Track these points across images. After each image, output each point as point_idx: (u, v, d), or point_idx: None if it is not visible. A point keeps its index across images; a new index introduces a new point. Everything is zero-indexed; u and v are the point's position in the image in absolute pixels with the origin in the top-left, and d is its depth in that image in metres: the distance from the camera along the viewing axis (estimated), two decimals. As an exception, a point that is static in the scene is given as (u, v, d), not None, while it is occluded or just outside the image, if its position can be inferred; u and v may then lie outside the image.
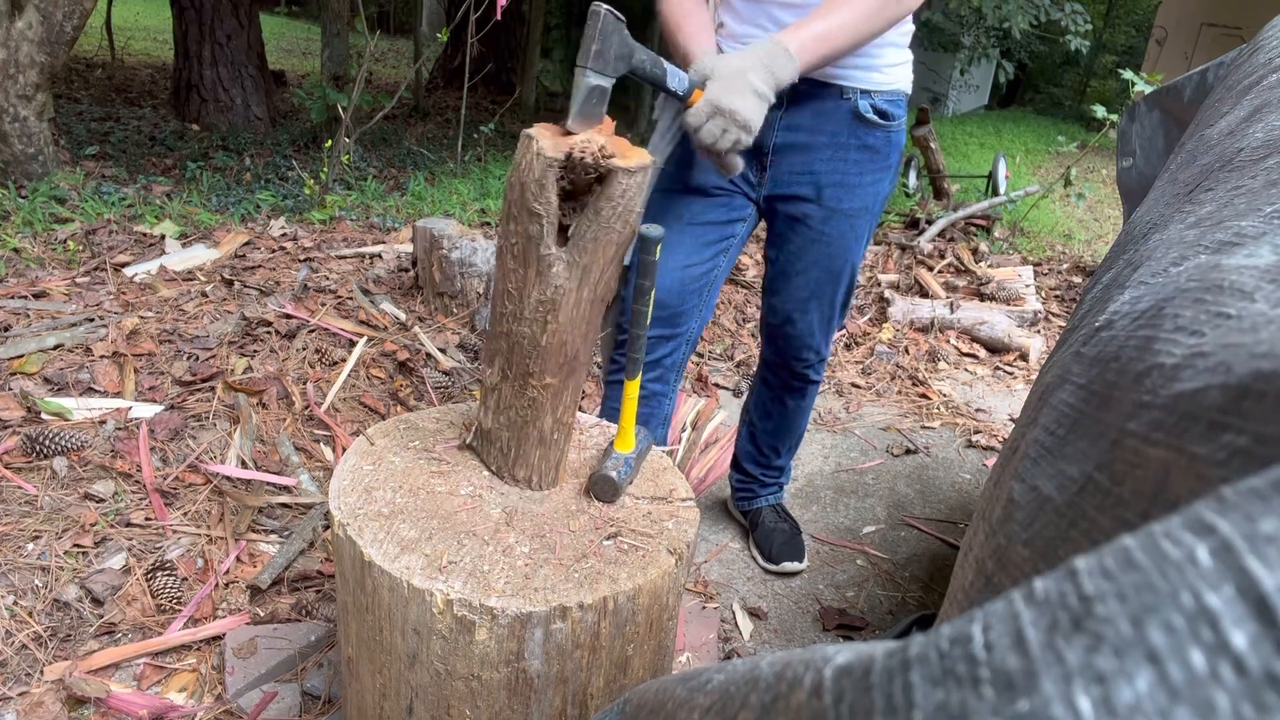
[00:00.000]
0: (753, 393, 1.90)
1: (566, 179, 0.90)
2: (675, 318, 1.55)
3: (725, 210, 1.54)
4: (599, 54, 1.02)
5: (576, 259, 0.93)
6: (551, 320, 0.95)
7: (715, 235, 1.55)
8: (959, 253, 3.94)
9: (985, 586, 0.55)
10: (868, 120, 1.47)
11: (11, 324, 2.25)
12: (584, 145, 0.88)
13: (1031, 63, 13.47)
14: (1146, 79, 4.02)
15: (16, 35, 3.20)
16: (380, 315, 2.69)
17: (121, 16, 9.69)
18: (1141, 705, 0.22)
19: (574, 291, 0.94)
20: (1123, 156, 1.73)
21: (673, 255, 1.51)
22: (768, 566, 1.89)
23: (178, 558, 1.62)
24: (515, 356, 0.99)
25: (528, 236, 0.91)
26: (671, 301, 1.52)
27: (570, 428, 1.08)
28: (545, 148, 0.88)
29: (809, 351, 1.70)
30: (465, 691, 0.92)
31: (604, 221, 0.91)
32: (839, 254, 1.57)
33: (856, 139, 1.48)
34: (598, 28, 1.01)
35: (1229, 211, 0.65)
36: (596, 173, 0.89)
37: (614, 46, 1.03)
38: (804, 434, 1.93)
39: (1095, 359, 0.55)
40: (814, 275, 1.59)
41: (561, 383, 1.01)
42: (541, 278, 0.93)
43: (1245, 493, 0.25)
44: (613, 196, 0.90)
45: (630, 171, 0.89)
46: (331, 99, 4.57)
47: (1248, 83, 1.06)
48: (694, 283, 1.54)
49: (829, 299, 1.62)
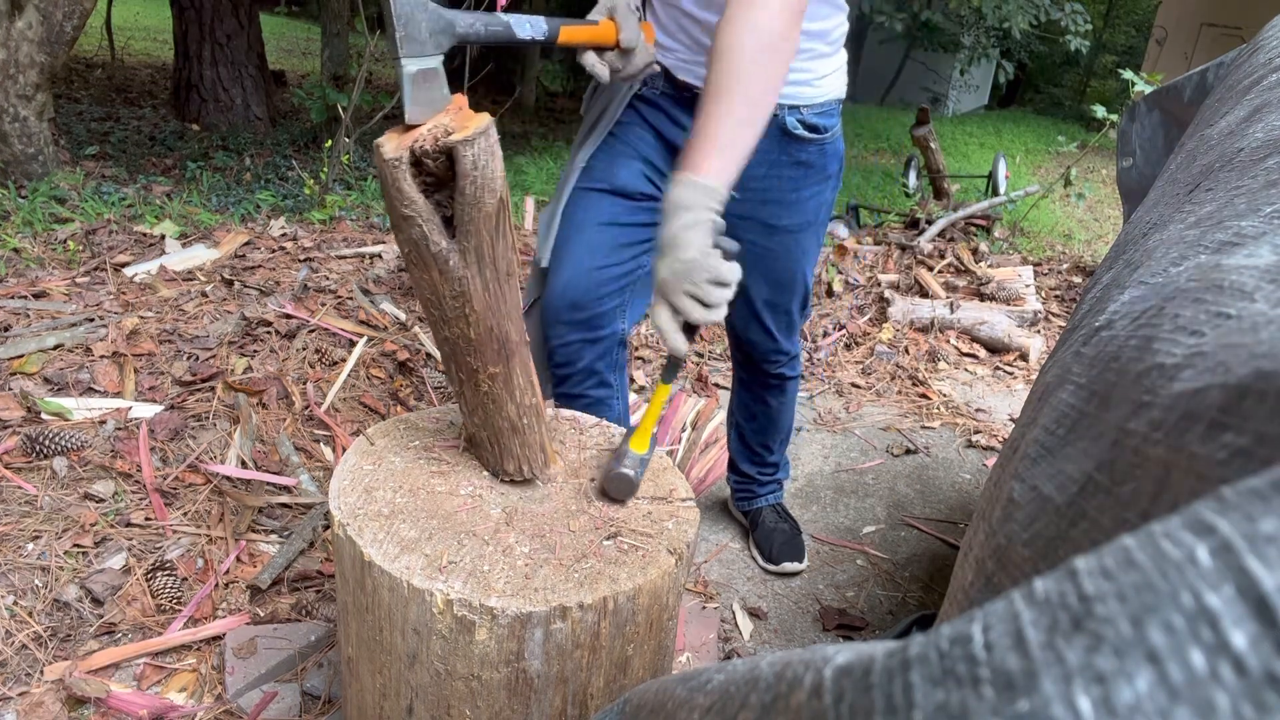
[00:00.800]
0: (734, 396, 1.88)
1: (425, 173, 0.88)
2: (596, 320, 1.44)
3: (649, 214, 1.46)
4: (407, 38, 0.96)
5: (466, 244, 0.91)
6: (470, 312, 0.95)
7: (637, 236, 1.46)
8: (959, 253, 3.94)
9: (985, 586, 0.55)
10: (798, 136, 1.42)
11: (11, 324, 2.25)
12: (424, 134, 0.87)
13: (1031, 63, 13.47)
14: (1146, 79, 4.02)
15: (16, 35, 3.20)
16: (380, 315, 2.69)
17: (121, 16, 9.68)
18: (1141, 705, 0.22)
19: (477, 278, 0.93)
20: (1123, 156, 1.73)
21: (589, 256, 1.42)
22: (767, 567, 1.89)
23: (178, 558, 1.62)
24: (459, 357, 1.00)
25: (414, 241, 0.90)
26: (588, 302, 1.42)
27: (538, 409, 1.07)
28: (387, 150, 0.86)
29: (775, 354, 1.70)
30: (465, 691, 0.92)
31: (471, 199, 0.88)
32: (785, 267, 1.55)
33: (788, 156, 1.44)
34: (393, 11, 0.95)
35: (1229, 211, 0.64)
36: (445, 156, 0.87)
37: (423, 24, 0.97)
38: (792, 427, 1.93)
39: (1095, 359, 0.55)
40: (763, 289, 1.57)
41: (505, 369, 1.01)
42: (444, 274, 0.92)
43: (1245, 493, 0.25)
44: (466, 172, 0.87)
45: (469, 141, 0.86)
46: (331, 99, 4.57)
47: (1248, 83, 1.06)
48: (612, 284, 1.44)
49: (783, 308, 1.62)
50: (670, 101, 1.45)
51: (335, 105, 4.39)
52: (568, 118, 7.64)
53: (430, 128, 0.88)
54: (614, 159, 1.45)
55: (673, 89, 1.44)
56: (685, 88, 1.42)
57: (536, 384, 1.07)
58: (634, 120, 1.46)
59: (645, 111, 1.46)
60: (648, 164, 1.46)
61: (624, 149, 1.45)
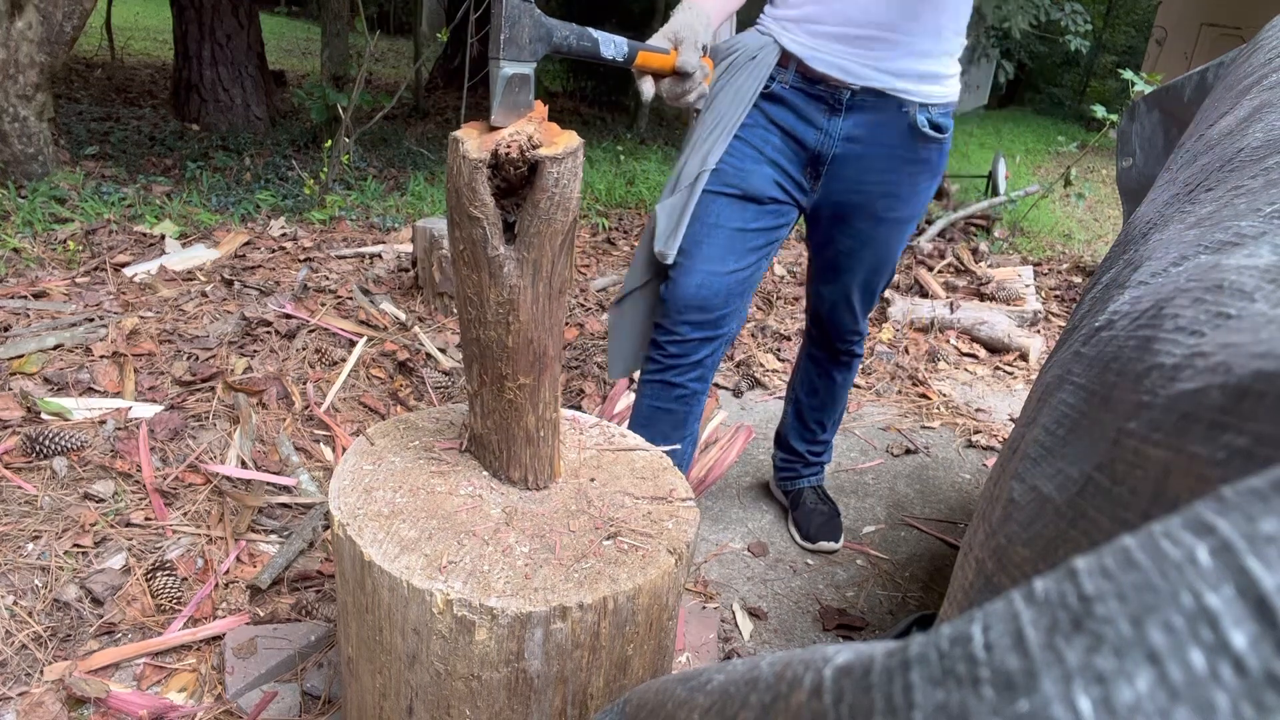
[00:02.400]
0: (798, 371, 1.96)
1: (499, 177, 0.88)
2: (719, 320, 1.55)
3: (774, 218, 1.54)
4: (510, 41, 0.97)
5: (525, 255, 0.91)
6: (513, 320, 0.94)
7: (761, 241, 1.55)
8: (959, 253, 3.94)
9: (985, 586, 0.55)
10: (924, 134, 1.47)
11: (11, 324, 2.25)
12: (510, 140, 0.86)
13: (1031, 63, 13.47)
14: (1146, 79, 4.02)
15: (16, 35, 3.20)
16: (380, 315, 2.69)
17: (121, 16, 9.68)
18: (1141, 705, 0.22)
19: (529, 289, 0.93)
20: (1122, 156, 1.73)
21: (720, 260, 1.50)
22: (804, 545, 1.97)
23: (178, 558, 1.62)
24: (487, 361, 0.99)
25: (473, 241, 0.90)
26: (716, 304, 1.52)
27: (556, 424, 1.07)
28: (470, 149, 0.86)
29: (852, 333, 1.80)
30: (465, 691, 0.92)
31: (544, 214, 0.89)
32: (884, 254, 1.63)
33: (912, 152, 1.49)
34: (503, 13, 0.96)
35: (1229, 211, 0.65)
36: (526, 166, 0.87)
37: (526, 29, 0.99)
38: (845, 410, 2.02)
39: (1095, 359, 0.55)
40: (860, 273, 1.66)
41: (535, 381, 1.00)
42: (495, 279, 0.92)
43: (1245, 493, 0.25)
44: (546, 187, 0.87)
45: (558, 159, 0.87)
46: (331, 99, 4.57)
47: (1248, 83, 1.06)
48: (737, 286, 1.54)
49: (871, 289, 1.71)
50: (801, 97, 1.47)
51: (335, 105, 4.39)
52: (568, 117, 7.63)
53: (513, 134, 0.87)
54: (744, 163, 1.49)
55: (804, 82, 1.46)
56: (819, 80, 1.44)
57: (559, 398, 1.07)
58: (759, 121, 1.49)
59: (772, 111, 1.49)
60: (776, 168, 1.50)
61: (752, 153, 1.50)
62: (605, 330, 2.98)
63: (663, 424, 1.63)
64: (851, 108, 1.44)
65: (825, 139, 1.47)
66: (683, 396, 1.60)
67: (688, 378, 1.59)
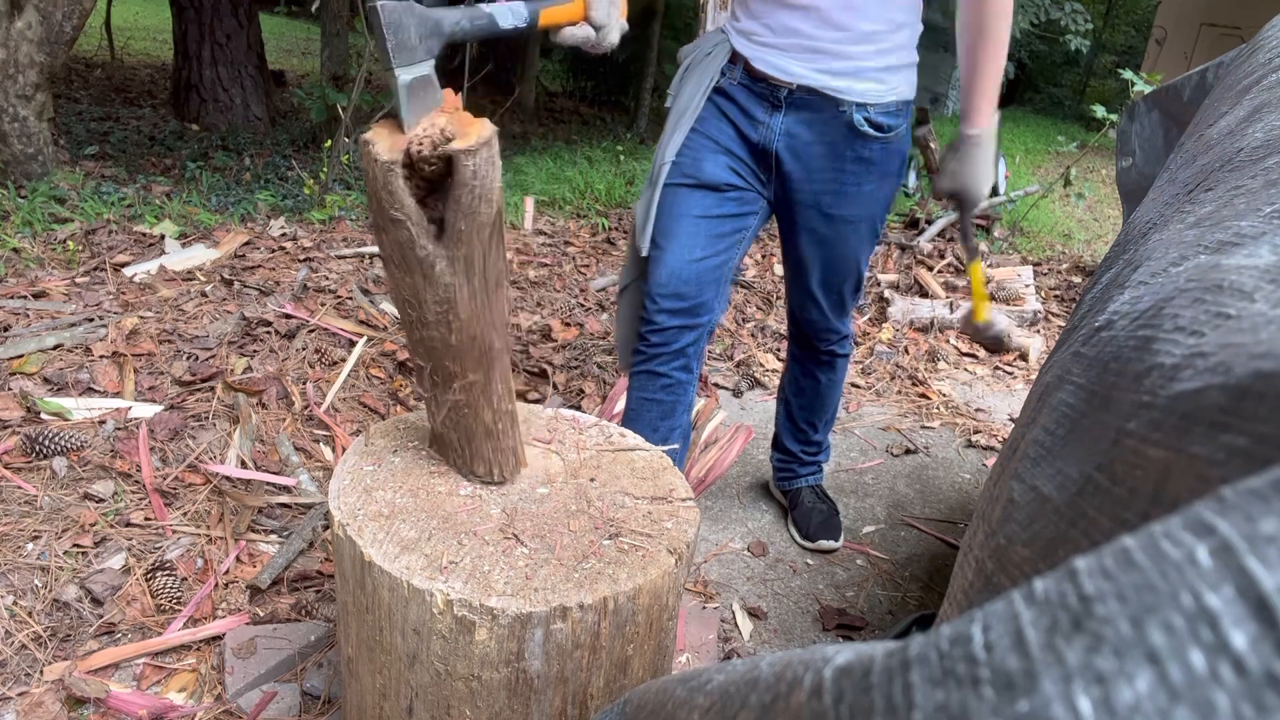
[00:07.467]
0: (786, 372, 1.99)
1: (419, 176, 0.86)
2: (696, 309, 1.59)
3: (737, 204, 1.58)
4: (399, 47, 0.92)
5: (455, 253, 0.89)
6: (454, 319, 0.93)
7: (728, 228, 1.58)
8: (959, 253, 3.94)
9: (985, 586, 0.55)
10: (863, 134, 1.49)
11: (11, 324, 2.25)
12: (421, 137, 0.84)
13: (1031, 63, 13.46)
14: (1146, 79, 4.02)
15: (16, 35, 3.20)
16: (380, 315, 2.69)
17: (121, 16, 9.68)
18: (1141, 705, 0.22)
19: (465, 286, 0.91)
20: (1122, 156, 1.73)
21: (688, 249, 1.55)
22: (804, 544, 1.98)
23: (177, 558, 1.62)
24: (435, 361, 0.98)
25: (399, 244, 0.88)
26: (690, 293, 1.56)
27: (513, 414, 1.06)
28: (380, 151, 0.83)
29: (827, 333, 1.82)
30: (465, 691, 0.92)
31: (466, 209, 0.86)
32: (842, 254, 1.65)
33: (852, 151, 1.52)
34: (383, 22, 0.91)
35: (1229, 211, 0.64)
36: (443, 162, 0.85)
37: (412, 30, 0.94)
38: (837, 409, 2.02)
39: (1095, 359, 0.55)
40: (819, 272, 1.68)
41: (485, 376, 1.00)
42: (429, 280, 0.90)
43: (1245, 493, 0.25)
44: (465, 181, 0.84)
45: (472, 151, 0.83)
46: (331, 99, 4.57)
47: (1247, 83, 1.06)
48: (710, 274, 1.58)
49: (835, 288, 1.72)
50: (745, 94, 1.52)
51: (335, 105, 4.39)
52: (567, 117, 7.63)
53: (425, 130, 0.85)
54: (699, 153, 1.55)
55: (749, 80, 1.51)
56: (761, 79, 1.50)
57: (513, 390, 1.06)
58: (712, 114, 1.55)
59: (722, 105, 1.55)
60: (730, 155, 1.55)
61: (708, 143, 1.55)
62: (605, 330, 2.98)
63: (651, 414, 1.65)
64: (791, 105, 1.49)
65: (767, 133, 1.52)
66: (669, 386, 1.63)
67: (671, 367, 1.63)
